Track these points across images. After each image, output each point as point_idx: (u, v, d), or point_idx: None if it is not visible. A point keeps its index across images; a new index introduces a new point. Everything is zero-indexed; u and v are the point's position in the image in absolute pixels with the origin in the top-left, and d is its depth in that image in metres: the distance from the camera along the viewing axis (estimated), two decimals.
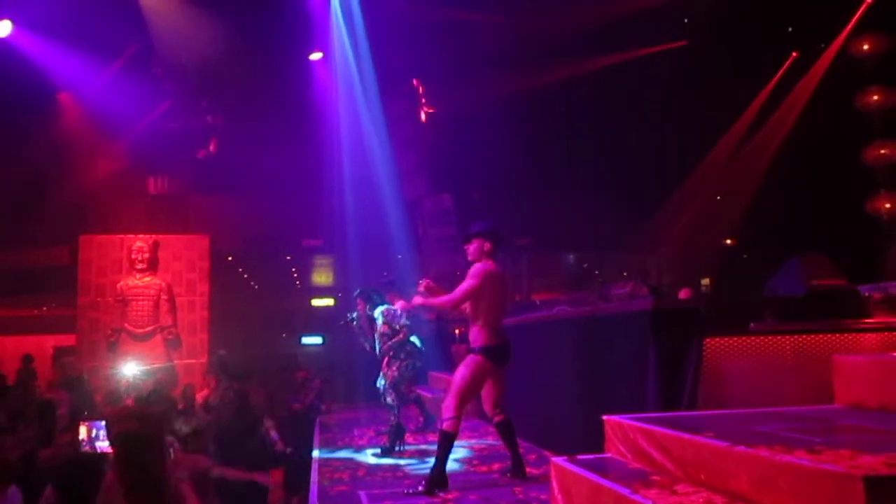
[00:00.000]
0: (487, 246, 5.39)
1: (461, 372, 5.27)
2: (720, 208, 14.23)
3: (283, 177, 13.85)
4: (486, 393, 5.43)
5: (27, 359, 12.95)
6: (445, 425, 5.12)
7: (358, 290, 7.43)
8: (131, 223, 13.54)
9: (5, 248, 15.09)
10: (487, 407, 5.49)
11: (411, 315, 7.14)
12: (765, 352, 4.84)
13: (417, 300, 5.53)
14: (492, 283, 5.26)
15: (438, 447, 5.11)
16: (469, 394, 5.31)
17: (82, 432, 5.43)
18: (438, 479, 5.00)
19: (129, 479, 3.16)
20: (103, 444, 5.18)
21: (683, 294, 7.72)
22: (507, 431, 5.41)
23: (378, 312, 7.17)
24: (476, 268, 5.28)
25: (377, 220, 13.30)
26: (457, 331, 13.59)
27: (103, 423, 5.44)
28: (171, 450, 4.88)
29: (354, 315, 7.34)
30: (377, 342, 7.20)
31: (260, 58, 12.21)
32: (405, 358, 7.02)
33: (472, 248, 5.43)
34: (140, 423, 3.62)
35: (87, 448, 5.31)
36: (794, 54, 12.61)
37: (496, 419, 5.44)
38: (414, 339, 7.16)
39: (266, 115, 12.79)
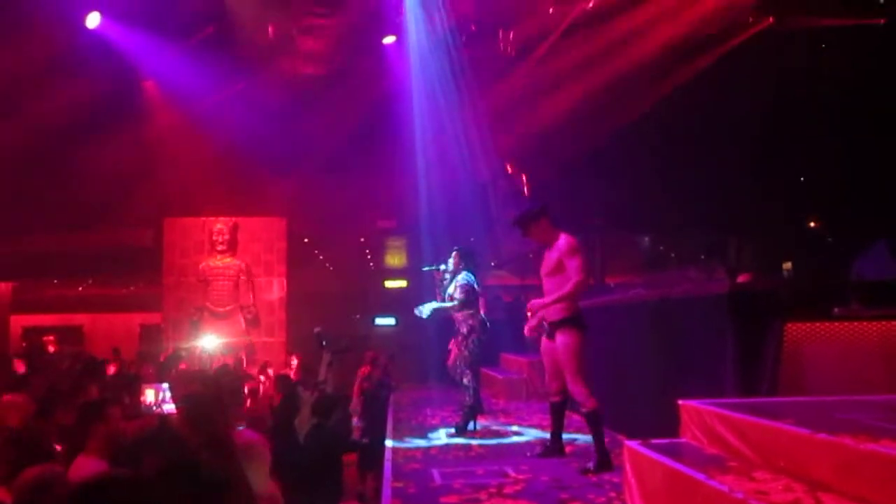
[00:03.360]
0: (545, 222, 5.39)
1: (564, 353, 5.18)
2: (804, 188, 13.70)
3: (357, 159, 14.04)
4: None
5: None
6: (589, 405, 5.10)
7: (458, 247, 7.38)
8: (212, 205, 13.99)
9: (96, 231, 15.83)
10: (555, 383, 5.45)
11: (475, 291, 7.12)
12: (850, 338, 4.68)
13: (541, 301, 5.31)
14: None
15: (592, 430, 5.13)
16: (585, 367, 5.20)
17: (149, 395, 5.66)
18: (606, 459, 5.02)
19: (197, 436, 3.28)
20: (169, 406, 5.40)
21: (742, 279, 7.49)
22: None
23: (462, 276, 7.17)
24: (572, 241, 5.22)
25: (451, 202, 13.35)
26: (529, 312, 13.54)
27: (166, 385, 5.68)
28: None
29: (444, 266, 7.30)
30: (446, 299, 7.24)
31: (334, 40, 12.35)
32: (469, 333, 7.02)
33: (537, 232, 5.42)
34: (203, 384, 3.74)
35: (155, 410, 5.53)
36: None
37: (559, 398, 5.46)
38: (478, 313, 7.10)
39: (341, 98, 12.96)
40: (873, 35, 11.51)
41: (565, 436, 6.24)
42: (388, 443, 6.43)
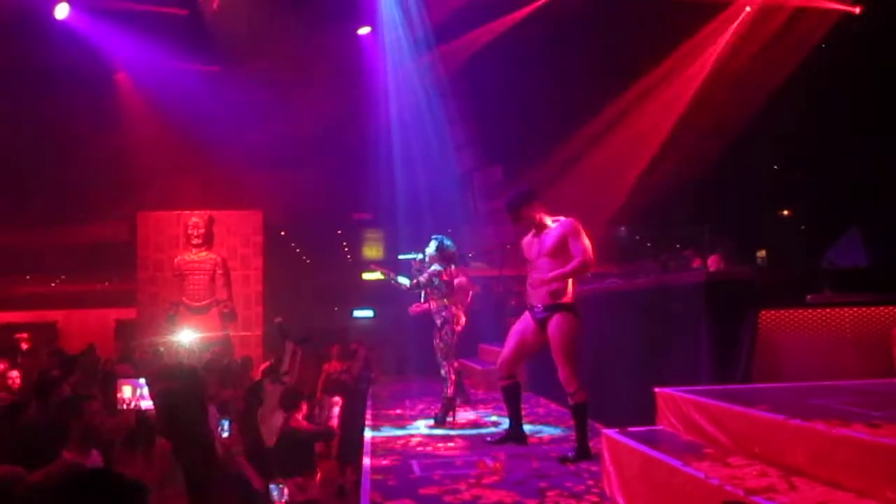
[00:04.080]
0: (538, 205, 5.30)
1: (558, 339, 5.05)
2: (776, 177, 13.85)
3: (334, 151, 13.96)
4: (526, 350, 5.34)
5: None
6: (577, 398, 5.02)
7: (441, 239, 7.26)
8: (187, 199, 13.84)
9: (69, 225, 15.60)
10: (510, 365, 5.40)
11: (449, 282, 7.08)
12: (823, 325, 4.75)
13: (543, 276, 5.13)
14: None
15: (577, 420, 5.04)
16: (578, 356, 5.08)
17: (126, 391, 5.55)
18: (585, 449, 4.97)
19: (173, 435, 3.22)
20: (147, 403, 5.30)
21: (712, 262, 7.56)
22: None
23: (434, 266, 7.09)
24: (576, 222, 5.13)
25: (428, 194, 13.32)
26: (513, 302, 13.58)
27: (143, 381, 5.58)
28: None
29: (421, 256, 7.21)
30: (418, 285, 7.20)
31: (309, 31, 12.26)
32: (442, 325, 7.00)
33: (529, 216, 5.30)
34: (181, 380, 3.66)
35: (132, 407, 5.42)
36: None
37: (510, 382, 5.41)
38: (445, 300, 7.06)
39: (316, 90, 12.88)
40: (845, 23, 11.65)
41: (533, 427, 6.27)
42: (368, 435, 6.43)
